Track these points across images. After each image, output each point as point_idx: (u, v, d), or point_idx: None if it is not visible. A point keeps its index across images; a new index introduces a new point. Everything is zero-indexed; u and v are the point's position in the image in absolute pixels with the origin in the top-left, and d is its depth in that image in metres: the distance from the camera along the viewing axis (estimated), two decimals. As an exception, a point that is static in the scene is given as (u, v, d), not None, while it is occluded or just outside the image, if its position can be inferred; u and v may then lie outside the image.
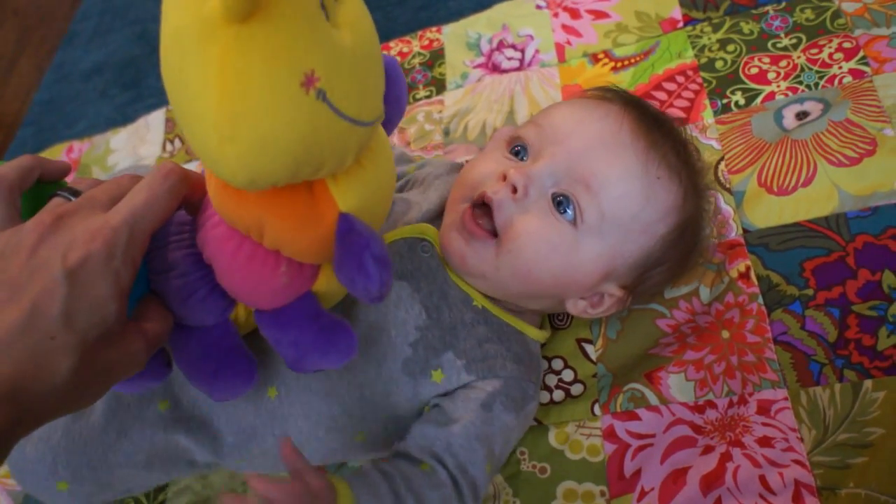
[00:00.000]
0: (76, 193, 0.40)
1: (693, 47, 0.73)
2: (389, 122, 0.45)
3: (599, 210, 0.50)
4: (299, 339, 0.44)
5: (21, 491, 0.67)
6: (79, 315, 0.35)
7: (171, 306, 0.43)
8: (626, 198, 0.50)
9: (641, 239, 0.51)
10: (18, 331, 0.33)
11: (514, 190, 0.50)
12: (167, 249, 0.42)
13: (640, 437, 0.54)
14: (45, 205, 0.40)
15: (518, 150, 0.54)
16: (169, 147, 0.90)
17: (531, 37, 0.81)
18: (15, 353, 0.33)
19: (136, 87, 1.04)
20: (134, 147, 0.92)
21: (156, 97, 1.01)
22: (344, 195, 0.39)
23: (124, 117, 0.98)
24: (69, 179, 0.45)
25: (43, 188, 0.43)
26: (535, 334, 0.56)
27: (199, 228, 0.42)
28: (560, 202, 0.50)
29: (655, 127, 0.52)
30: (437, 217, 0.57)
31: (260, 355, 0.49)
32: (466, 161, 0.60)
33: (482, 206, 0.52)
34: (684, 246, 0.54)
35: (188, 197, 0.41)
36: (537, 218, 0.50)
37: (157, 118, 0.93)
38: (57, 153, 0.96)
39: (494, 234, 0.51)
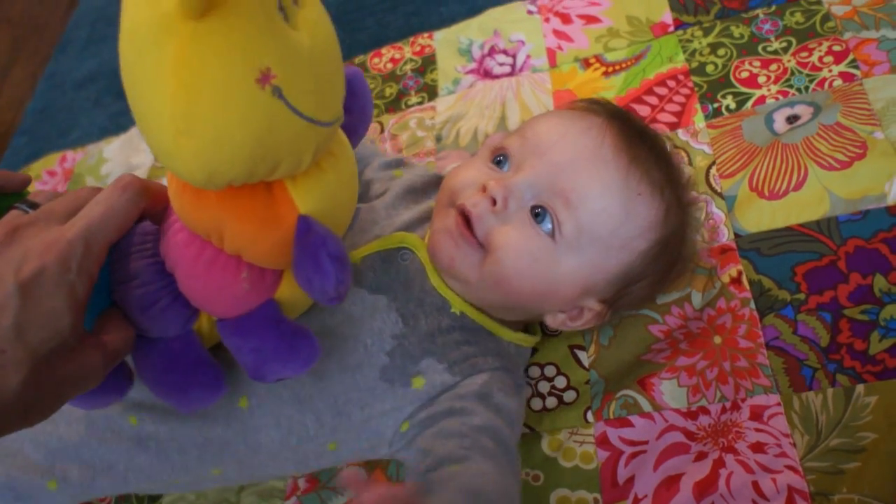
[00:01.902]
0: (34, 206, 0.40)
1: (684, 51, 0.73)
2: (355, 133, 0.45)
3: (577, 224, 0.50)
4: (261, 347, 0.44)
5: None
6: (31, 328, 0.34)
7: (133, 317, 0.42)
8: (604, 213, 0.50)
9: (621, 255, 0.51)
10: None
11: (494, 202, 0.50)
12: (129, 259, 0.42)
13: (633, 443, 0.54)
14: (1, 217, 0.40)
15: (500, 160, 0.54)
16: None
17: (522, 42, 0.81)
18: None
19: (129, 96, 1.04)
20: (127, 156, 0.92)
21: (149, 106, 1.00)
22: (303, 197, 0.39)
23: (118, 126, 0.98)
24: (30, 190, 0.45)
25: (1, 200, 0.43)
26: (514, 337, 0.55)
27: (162, 236, 0.42)
28: (538, 214, 0.50)
29: (639, 142, 0.52)
30: (414, 227, 0.57)
31: (230, 365, 0.48)
32: (446, 176, 0.59)
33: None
34: (665, 262, 0.53)
35: (149, 208, 0.41)
36: (517, 230, 0.50)
37: (149, 127, 0.93)
38: (51, 162, 0.96)
39: (480, 243, 0.51)
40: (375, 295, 0.53)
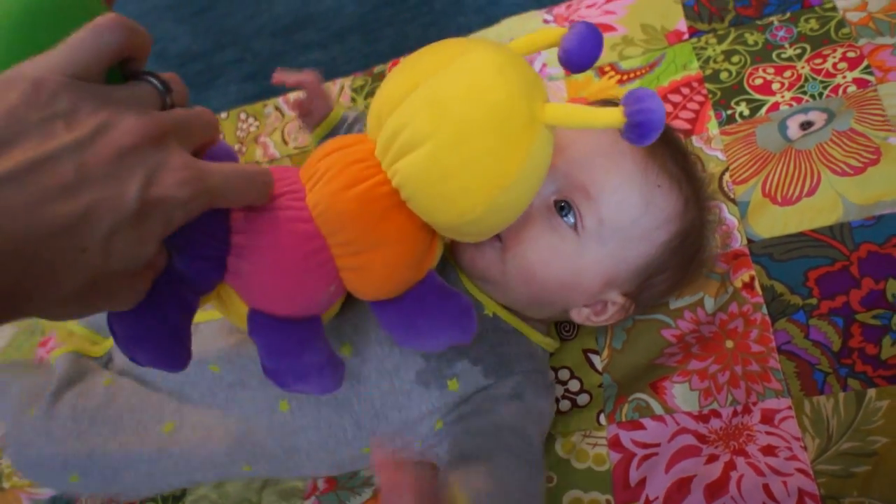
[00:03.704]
0: (166, 88, 0.35)
1: (698, 59, 0.73)
2: None
3: (599, 216, 0.51)
4: (294, 365, 0.44)
5: (45, 499, 0.69)
6: (118, 245, 0.31)
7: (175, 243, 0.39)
8: (624, 204, 0.51)
9: (642, 246, 0.52)
10: (61, 230, 0.29)
11: None
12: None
13: (645, 446, 0.55)
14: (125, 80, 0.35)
15: None
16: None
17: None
18: (40, 251, 0.29)
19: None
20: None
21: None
22: (436, 249, 0.45)
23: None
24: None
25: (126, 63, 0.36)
26: (542, 341, 0.57)
27: (263, 213, 0.40)
28: (562, 208, 0.51)
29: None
30: None
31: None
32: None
33: None
34: (686, 254, 0.54)
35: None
36: (539, 224, 0.51)
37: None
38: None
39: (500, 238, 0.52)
40: None
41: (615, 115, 0.39)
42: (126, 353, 0.40)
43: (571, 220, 0.51)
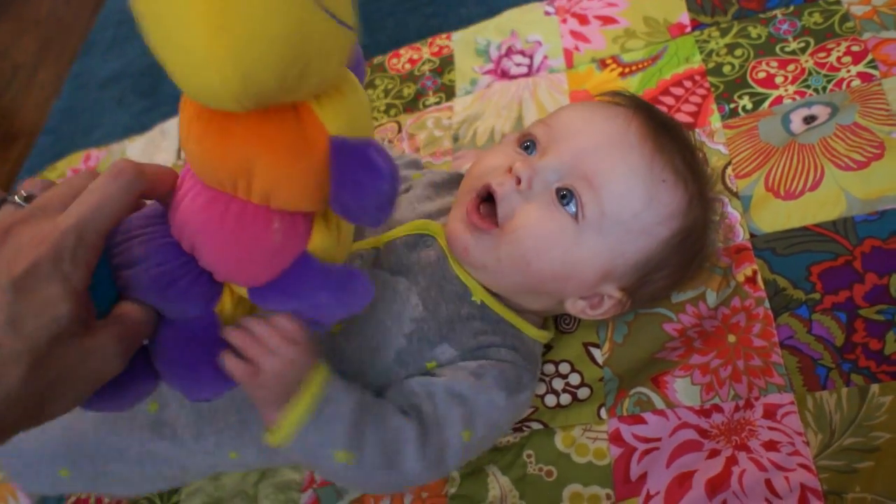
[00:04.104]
0: (29, 198, 0.40)
1: (701, 52, 0.73)
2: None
3: (600, 207, 0.50)
4: (316, 302, 0.43)
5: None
6: (26, 320, 0.34)
7: (151, 300, 0.41)
8: (628, 197, 0.51)
9: (642, 240, 0.52)
10: None
11: (519, 181, 0.51)
12: (135, 242, 0.40)
13: (646, 440, 0.54)
14: None
15: (528, 145, 0.55)
16: (184, 154, 0.92)
17: (539, 43, 0.82)
18: None
19: (152, 95, 1.06)
20: (150, 155, 0.94)
21: (171, 105, 1.02)
22: (332, 119, 0.38)
23: (141, 125, 1.00)
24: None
25: None
26: (533, 332, 0.56)
27: (176, 210, 0.40)
28: (564, 195, 0.51)
29: (664, 131, 0.53)
30: (435, 217, 0.58)
31: None
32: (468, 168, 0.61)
33: (488, 200, 0.53)
34: (686, 252, 0.54)
35: (148, 192, 0.40)
36: (539, 209, 0.51)
37: (172, 126, 0.95)
38: (75, 161, 0.98)
39: (498, 225, 0.52)
40: (396, 277, 0.54)
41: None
42: (180, 383, 0.43)
43: (573, 208, 0.51)
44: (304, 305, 0.43)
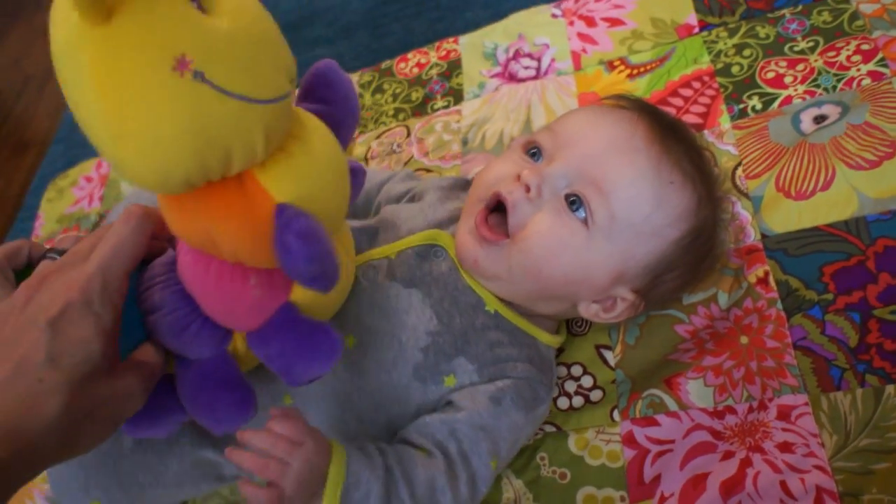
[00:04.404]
0: (62, 253, 0.44)
1: (709, 52, 0.73)
2: (344, 125, 0.45)
3: (610, 211, 0.50)
4: (284, 350, 0.45)
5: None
6: (63, 357, 0.38)
7: (168, 344, 0.44)
8: (636, 200, 0.51)
9: (652, 242, 0.52)
10: (7, 381, 0.37)
11: (528, 189, 0.51)
12: (154, 290, 0.44)
13: (659, 442, 0.54)
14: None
15: (534, 152, 0.55)
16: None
17: (547, 45, 0.82)
18: (5, 400, 0.37)
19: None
20: (161, 161, 0.94)
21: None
22: (275, 185, 0.38)
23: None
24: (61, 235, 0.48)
25: (35, 263, 0.47)
26: (548, 339, 0.56)
27: (177, 262, 0.43)
28: (573, 202, 0.51)
29: (670, 133, 0.53)
30: (445, 226, 0.58)
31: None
32: (475, 175, 0.61)
33: (496, 210, 0.53)
34: (697, 252, 0.54)
35: (158, 232, 0.43)
36: (549, 216, 0.51)
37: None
38: (87, 169, 0.99)
39: (508, 235, 0.52)
40: (409, 289, 0.54)
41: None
42: (202, 419, 0.46)
43: (582, 214, 0.51)
44: (273, 352, 0.45)
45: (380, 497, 0.47)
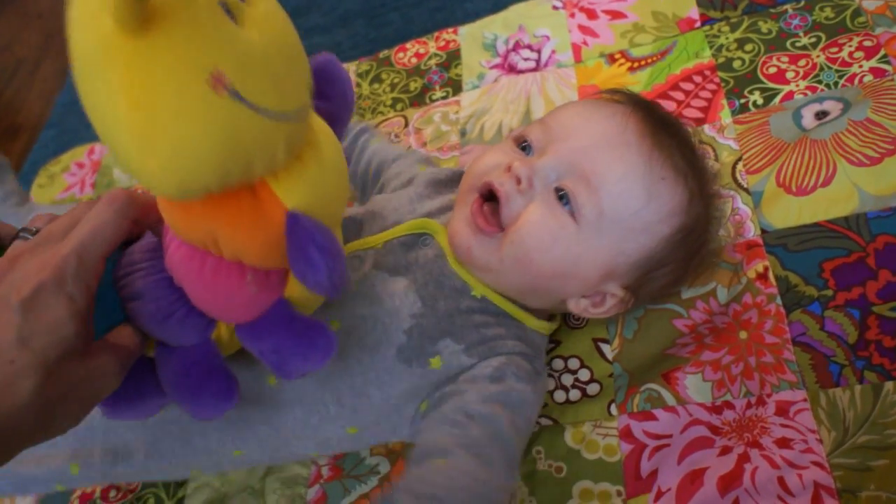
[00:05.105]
0: (35, 232, 0.42)
1: (710, 47, 0.72)
2: (339, 120, 0.45)
3: (598, 206, 0.50)
4: (279, 346, 0.45)
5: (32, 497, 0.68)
6: (35, 338, 0.37)
7: (150, 331, 0.44)
8: (626, 195, 0.50)
9: (642, 238, 0.51)
10: None
11: (518, 181, 0.50)
12: (136, 277, 0.43)
13: (656, 437, 0.54)
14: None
15: (525, 146, 0.54)
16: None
17: (547, 37, 0.82)
18: None
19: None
20: (154, 148, 0.93)
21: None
22: (288, 193, 0.39)
23: (145, 119, 0.99)
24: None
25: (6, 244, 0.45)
26: (536, 325, 0.56)
27: (165, 251, 0.42)
28: (562, 196, 0.50)
29: (662, 128, 0.52)
30: (434, 216, 0.57)
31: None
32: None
33: (490, 200, 0.52)
34: (688, 249, 0.53)
35: (141, 218, 0.42)
36: (540, 208, 0.50)
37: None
38: (79, 154, 0.98)
39: (502, 227, 0.51)
40: (395, 277, 0.54)
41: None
42: (184, 405, 0.46)
43: (570, 208, 0.50)
44: (266, 348, 0.45)
45: None
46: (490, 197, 0.52)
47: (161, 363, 0.46)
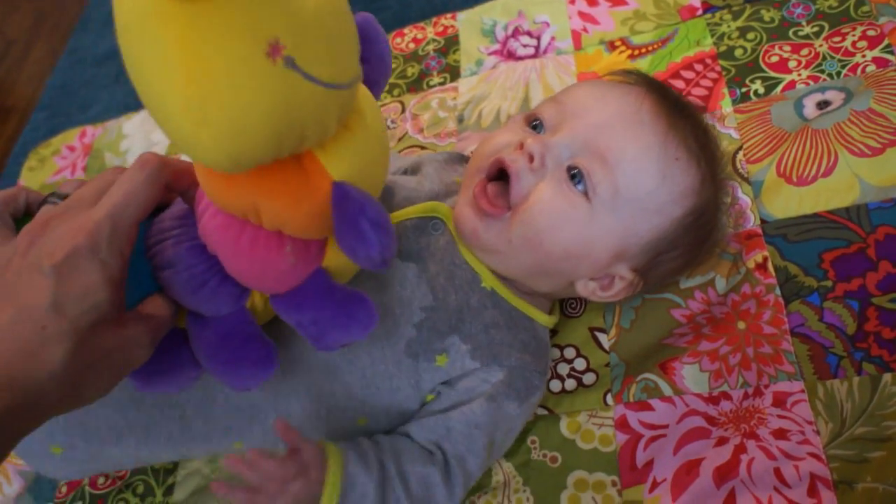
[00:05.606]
0: (64, 197, 0.42)
1: (712, 35, 0.71)
2: (376, 84, 0.44)
3: (614, 185, 0.49)
4: (318, 318, 0.44)
5: (31, 470, 0.67)
6: (68, 304, 0.36)
7: (184, 300, 0.43)
8: (641, 174, 0.49)
9: (655, 219, 0.51)
10: (8, 327, 0.35)
11: (531, 159, 0.49)
12: (168, 245, 0.42)
13: (652, 427, 0.53)
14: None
15: (536, 124, 0.53)
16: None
17: (547, 24, 0.80)
18: (6, 345, 0.35)
19: (149, 72, 1.03)
20: (146, 132, 0.92)
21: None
22: (335, 163, 0.38)
23: (137, 103, 0.97)
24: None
25: (34, 211, 0.44)
26: (544, 320, 0.55)
27: (199, 220, 0.41)
28: (574, 174, 0.50)
29: (676, 110, 0.52)
30: (442, 198, 0.56)
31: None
32: (472, 153, 0.59)
33: (497, 180, 0.51)
34: (698, 232, 0.53)
35: (174, 184, 0.41)
36: (551, 188, 0.49)
37: (170, 103, 0.93)
38: (70, 138, 0.97)
39: (509, 207, 0.51)
40: (406, 262, 0.52)
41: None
42: (224, 376, 0.45)
43: (582, 187, 0.50)
44: (306, 319, 0.44)
45: (375, 498, 0.47)
46: (498, 177, 0.52)
47: (194, 334, 0.45)
